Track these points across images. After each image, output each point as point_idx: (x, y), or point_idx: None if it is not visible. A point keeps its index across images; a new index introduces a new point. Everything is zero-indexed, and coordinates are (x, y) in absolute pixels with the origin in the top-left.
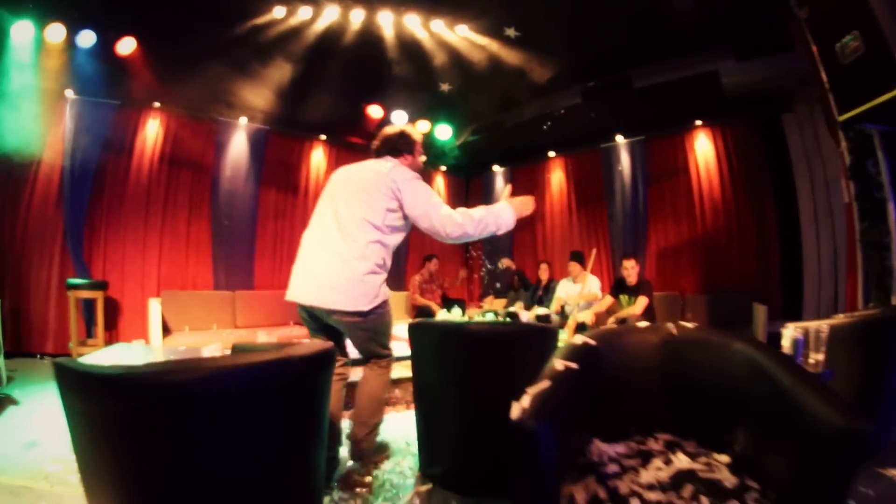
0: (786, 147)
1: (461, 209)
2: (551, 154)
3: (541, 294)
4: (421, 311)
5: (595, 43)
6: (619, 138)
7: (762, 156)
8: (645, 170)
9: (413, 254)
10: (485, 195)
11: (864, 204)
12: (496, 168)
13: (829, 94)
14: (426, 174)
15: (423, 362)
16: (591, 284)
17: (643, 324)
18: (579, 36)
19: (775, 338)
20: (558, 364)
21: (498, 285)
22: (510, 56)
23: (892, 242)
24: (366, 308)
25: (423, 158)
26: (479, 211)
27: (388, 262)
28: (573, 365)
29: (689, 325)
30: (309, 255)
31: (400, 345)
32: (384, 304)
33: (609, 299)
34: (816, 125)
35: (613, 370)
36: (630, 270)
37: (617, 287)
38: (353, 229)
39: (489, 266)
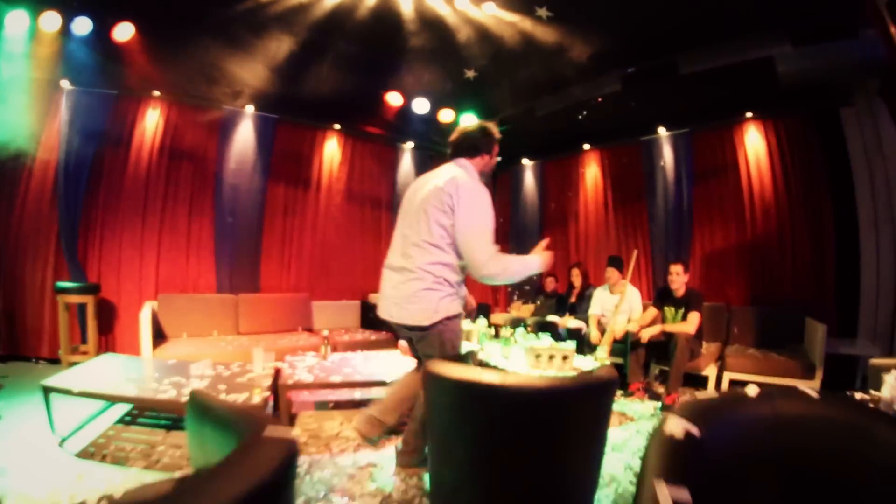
0: (844, 144)
1: (499, 254)
2: (586, 147)
3: (573, 301)
4: None
5: (637, 24)
6: (662, 130)
7: (819, 153)
8: (690, 166)
9: None
10: (513, 190)
11: None
12: (525, 161)
13: None
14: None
15: (441, 421)
16: (631, 297)
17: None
18: (619, 15)
19: (835, 360)
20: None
21: (527, 288)
22: (542, 38)
23: None
24: (426, 323)
25: (498, 158)
26: (515, 263)
27: (456, 277)
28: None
29: (812, 392)
30: (384, 272)
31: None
32: (447, 320)
33: (653, 311)
34: (878, 120)
35: (717, 456)
36: (677, 278)
37: (661, 297)
38: (413, 251)
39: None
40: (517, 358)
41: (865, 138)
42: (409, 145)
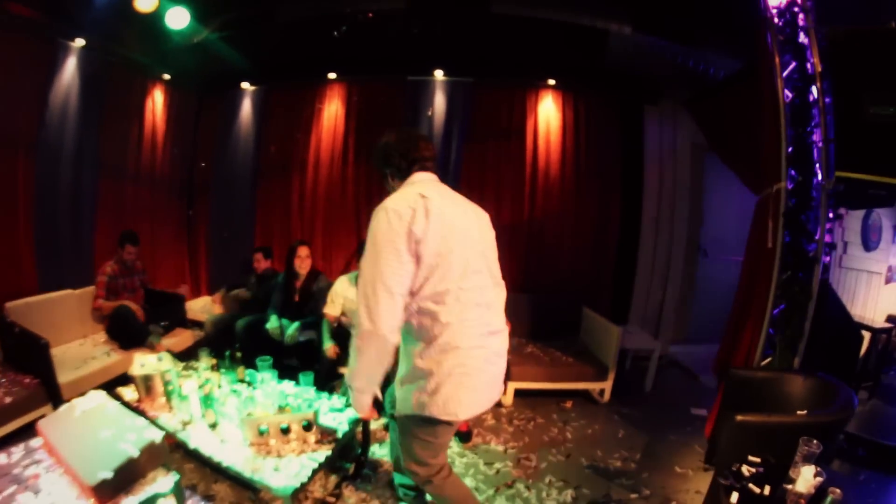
0: (642, 139)
1: None
2: (332, 76)
3: (297, 300)
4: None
5: None
6: (439, 73)
7: (615, 142)
8: (466, 121)
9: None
10: (223, 123)
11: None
12: (246, 86)
13: None
14: (138, 82)
15: None
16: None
17: None
18: None
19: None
20: None
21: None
22: None
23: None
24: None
25: None
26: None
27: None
28: None
29: None
30: (477, 341)
31: None
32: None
33: None
34: (677, 125)
35: None
36: None
37: None
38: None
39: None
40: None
41: (662, 139)
42: (78, 43)
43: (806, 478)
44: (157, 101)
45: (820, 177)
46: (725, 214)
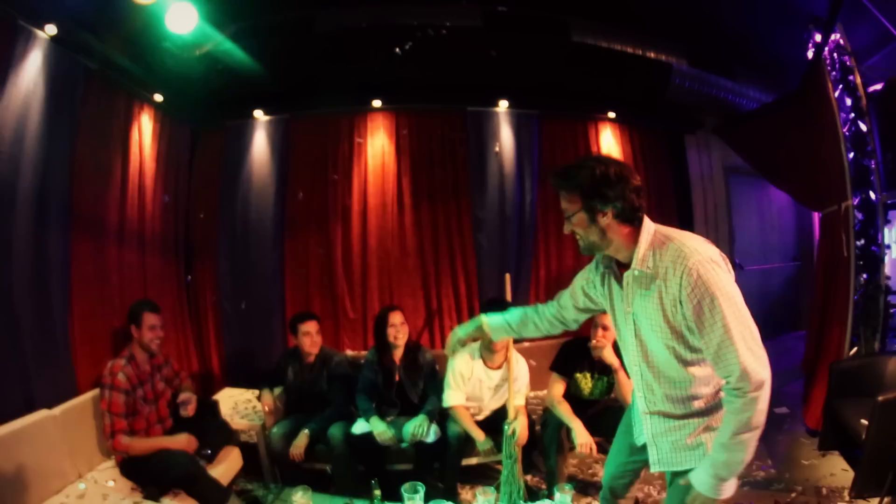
0: (686, 167)
1: None
2: (377, 104)
3: (398, 379)
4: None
5: None
6: (503, 104)
7: (667, 171)
8: (535, 159)
9: None
10: (228, 162)
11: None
12: (259, 114)
13: None
14: (121, 102)
15: None
16: (519, 369)
17: None
18: None
19: None
20: None
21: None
22: None
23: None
24: None
25: None
26: None
27: None
28: None
29: None
30: None
31: None
32: None
33: (559, 383)
34: (711, 152)
35: None
36: (601, 334)
37: (570, 358)
38: None
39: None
40: None
41: (702, 165)
42: (49, 31)
43: None
44: (144, 129)
45: (875, 194)
46: (748, 228)
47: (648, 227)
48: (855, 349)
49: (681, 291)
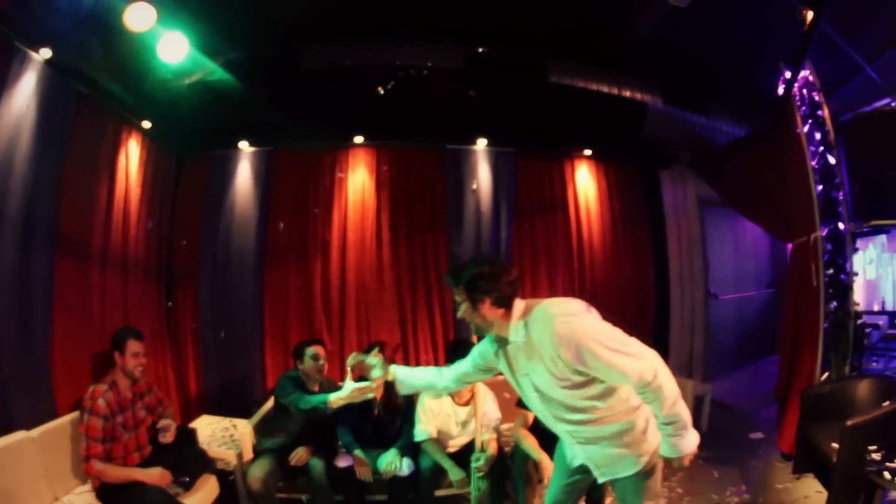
0: (661, 200)
1: None
2: (358, 140)
3: (376, 414)
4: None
5: None
6: (481, 142)
7: (640, 206)
8: (512, 196)
9: None
10: (212, 191)
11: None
12: (244, 145)
13: None
14: (110, 127)
15: None
16: (485, 402)
17: None
18: None
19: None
20: None
21: None
22: None
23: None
24: None
25: None
26: None
27: None
28: None
29: None
30: None
31: None
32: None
33: (525, 417)
34: (686, 185)
35: None
36: None
37: None
38: None
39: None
40: None
41: (676, 198)
42: (44, 54)
43: None
44: (131, 155)
45: (843, 224)
46: (723, 258)
47: (518, 306)
48: (826, 374)
49: (555, 349)
